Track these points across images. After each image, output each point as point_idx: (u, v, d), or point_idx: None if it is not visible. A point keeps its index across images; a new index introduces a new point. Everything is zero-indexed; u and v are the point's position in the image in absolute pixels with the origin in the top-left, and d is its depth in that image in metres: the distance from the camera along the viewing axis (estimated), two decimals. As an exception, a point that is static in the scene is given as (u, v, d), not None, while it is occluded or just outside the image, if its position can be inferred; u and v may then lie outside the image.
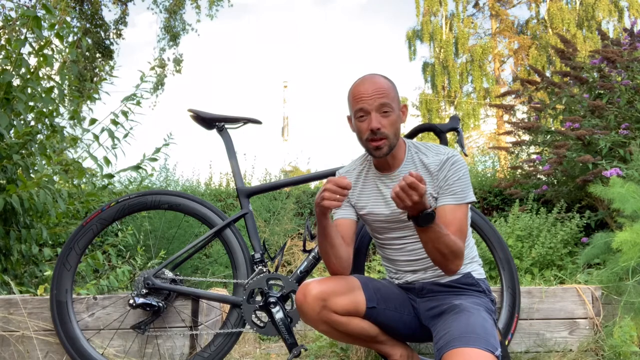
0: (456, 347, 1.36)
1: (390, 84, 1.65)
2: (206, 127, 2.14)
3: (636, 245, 2.24)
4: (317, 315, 1.58)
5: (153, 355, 2.08)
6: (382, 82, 1.63)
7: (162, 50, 11.45)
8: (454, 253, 1.52)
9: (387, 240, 1.74)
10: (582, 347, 2.17)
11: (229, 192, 6.04)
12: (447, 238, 1.50)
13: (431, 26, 19.05)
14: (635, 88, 4.11)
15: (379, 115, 1.59)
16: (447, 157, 1.63)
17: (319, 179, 2.17)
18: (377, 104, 1.59)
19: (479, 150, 10.77)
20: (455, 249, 1.51)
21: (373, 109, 1.59)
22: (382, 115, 1.59)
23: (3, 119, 2.56)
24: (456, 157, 1.63)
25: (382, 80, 1.64)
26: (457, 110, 18.67)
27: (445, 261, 1.54)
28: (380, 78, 1.64)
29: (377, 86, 1.60)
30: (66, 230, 3.08)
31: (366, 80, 1.63)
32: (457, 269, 1.57)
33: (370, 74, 1.66)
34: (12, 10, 3.24)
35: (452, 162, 1.62)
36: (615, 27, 16.38)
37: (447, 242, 1.49)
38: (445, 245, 1.49)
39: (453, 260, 1.53)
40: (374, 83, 1.61)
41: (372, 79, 1.63)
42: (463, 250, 1.55)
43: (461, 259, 1.55)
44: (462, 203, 1.60)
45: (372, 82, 1.62)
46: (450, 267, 1.56)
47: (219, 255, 4.43)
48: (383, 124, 1.59)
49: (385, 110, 1.59)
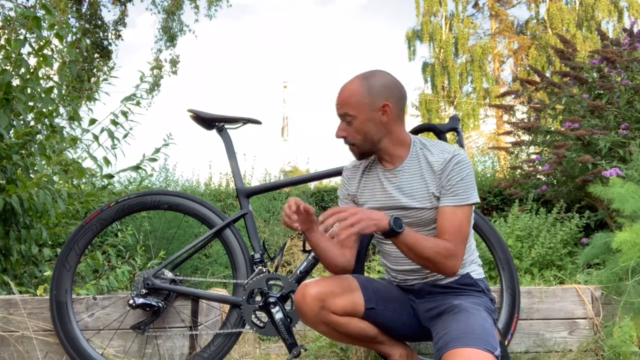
0: (455, 347, 1.36)
1: (357, 89, 1.61)
2: (206, 128, 2.14)
3: (636, 245, 2.24)
4: (315, 316, 1.58)
5: (153, 355, 2.08)
6: (345, 91, 1.63)
7: (159, 51, 11.46)
8: (441, 254, 1.52)
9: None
10: (581, 347, 2.17)
11: (229, 192, 6.04)
12: (425, 242, 1.51)
13: (431, 26, 19.05)
14: (635, 88, 4.11)
15: (345, 123, 1.63)
16: (452, 156, 1.60)
17: (319, 179, 2.18)
18: (339, 114, 1.64)
19: (478, 151, 10.77)
20: (440, 249, 1.52)
21: (339, 117, 1.65)
22: (347, 123, 1.63)
23: (3, 119, 2.55)
24: (461, 157, 1.60)
25: (346, 88, 1.63)
26: (456, 111, 18.67)
27: (435, 265, 1.54)
28: (347, 86, 1.64)
29: (340, 96, 1.64)
30: (66, 231, 3.08)
31: (340, 88, 1.66)
32: (454, 269, 1.56)
33: (348, 81, 1.66)
34: (12, 10, 3.24)
35: (456, 162, 1.59)
36: (615, 27, 16.37)
37: (426, 245, 1.51)
38: (426, 248, 1.51)
39: (443, 261, 1.53)
40: (340, 93, 1.65)
41: (342, 88, 1.65)
42: (455, 249, 1.54)
43: (455, 259, 1.54)
44: (463, 204, 1.58)
45: (340, 92, 1.65)
46: (444, 269, 1.56)
47: (219, 255, 4.43)
48: (348, 132, 1.64)
49: (347, 120, 1.63)
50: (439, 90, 18.94)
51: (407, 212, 1.64)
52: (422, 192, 1.62)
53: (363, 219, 1.43)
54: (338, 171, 2.13)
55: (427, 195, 1.61)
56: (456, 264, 1.55)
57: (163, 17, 11.29)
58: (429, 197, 1.61)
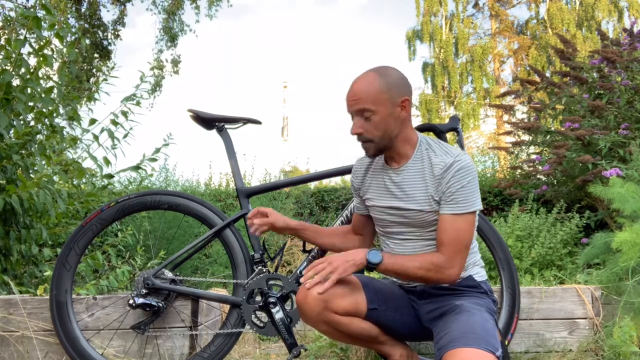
0: (456, 347, 1.36)
1: (375, 83, 1.55)
2: (206, 128, 2.14)
3: (636, 245, 2.24)
4: (317, 316, 1.58)
5: (153, 355, 2.08)
6: (363, 85, 1.56)
7: (160, 51, 11.46)
8: (432, 270, 1.53)
9: (390, 233, 1.73)
10: (581, 347, 2.17)
11: (229, 192, 6.04)
12: (410, 263, 1.54)
13: (431, 26, 19.05)
14: (635, 88, 4.11)
15: (362, 119, 1.56)
16: (454, 161, 1.55)
17: (319, 179, 2.18)
18: (354, 109, 1.57)
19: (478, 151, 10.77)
20: (428, 266, 1.53)
21: (353, 113, 1.58)
22: (365, 119, 1.56)
23: (3, 119, 2.55)
24: (463, 163, 1.54)
25: (362, 82, 1.57)
26: (457, 111, 18.67)
27: (428, 280, 1.57)
28: (363, 81, 1.57)
29: (355, 91, 1.56)
30: (66, 231, 3.08)
31: (353, 83, 1.59)
32: (451, 278, 1.56)
33: (360, 74, 1.61)
34: (12, 10, 3.23)
35: (457, 168, 1.54)
36: (615, 27, 16.37)
37: (412, 266, 1.53)
38: (413, 269, 1.53)
39: (435, 276, 1.54)
40: (354, 87, 1.57)
41: (356, 82, 1.58)
42: (446, 262, 1.53)
43: (449, 269, 1.53)
44: (463, 213, 1.54)
45: (354, 87, 1.58)
46: (440, 281, 1.57)
47: (219, 255, 4.43)
48: (365, 128, 1.57)
49: (365, 115, 1.56)
50: (439, 90, 18.94)
51: (406, 213, 1.63)
52: (422, 194, 1.60)
53: (339, 264, 1.50)
54: (338, 171, 2.13)
55: (427, 197, 1.59)
56: (452, 274, 1.54)
57: (164, 17, 11.29)
58: (428, 199, 1.59)
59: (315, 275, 1.51)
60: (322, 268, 1.51)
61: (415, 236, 1.66)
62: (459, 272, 1.56)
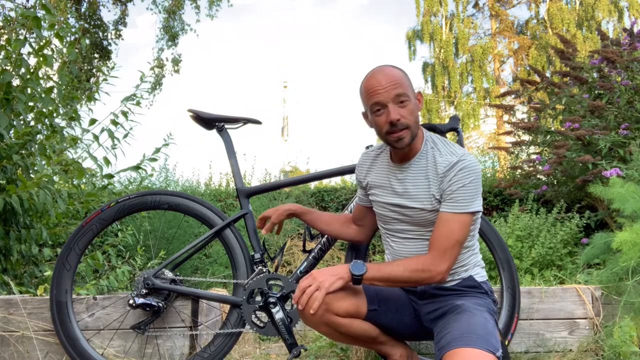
0: (457, 347, 1.36)
1: (402, 72, 1.59)
2: (206, 128, 2.14)
3: (636, 245, 2.24)
4: (318, 318, 1.58)
5: (153, 355, 2.08)
6: (394, 72, 1.57)
7: (160, 50, 11.47)
8: (418, 270, 1.53)
9: (391, 231, 1.73)
10: (582, 347, 2.17)
11: (229, 192, 6.04)
12: (394, 268, 1.54)
13: (431, 26, 19.06)
14: (635, 88, 4.11)
15: (397, 106, 1.54)
16: (457, 161, 1.55)
17: (319, 178, 2.17)
18: (392, 95, 1.53)
19: (478, 151, 10.77)
20: (414, 267, 1.53)
21: (389, 100, 1.54)
22: (400, 105, 1.54)
23: (3, 119, 2.55)
24: (466, 163, 1.54)
25: (393, 70, 1.58)
26: (457, 111, 18.67)
27: (417, 282, 1.56)
28: (391, 68, 1.58)
29: (390, 77, 1.55)
30: (66, 231, 3.08)
31: (378, 73, 1.58)
32: (439, 277, 1.55)
33: (380, 66, 1.61)
34: (12, 10, 3.23)
35: (460, 167, 1.54)
36: (615, 27, 16.38)
37: (396, 271, 1.53)
38: (398, 273, 1.53)
39: (423, 275, 1.53)
40: (386, 75, 1.56)
41: (384, 70, 1.58)
42: (432, 261, 1.53)
43: (436, 267, 1.53)
44: (461, 212, 1.54)
45: (384, 74, 1.56)
46: (430, 281, 1.56)
47: (219, 255, 4.43)
48: (402, 114, 1.54)
49: (402, 100, 1.54)
50: (439, 90, 18.94)
51: (407, 211, 1.63)
52: (424, 193, 1.60)
53: (324, 279, 1.49)
54: (339, 171, 2.13)
55: (428, 196, 1.59)
56: (439, 272, 1.54)
57: (164, 17, 11.29)
58: (429, 198, 1.59)
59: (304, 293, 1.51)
60: (308, 285, 1.50)
61: (416, 235, 1.66)
62: (446, 270, 1.55)
